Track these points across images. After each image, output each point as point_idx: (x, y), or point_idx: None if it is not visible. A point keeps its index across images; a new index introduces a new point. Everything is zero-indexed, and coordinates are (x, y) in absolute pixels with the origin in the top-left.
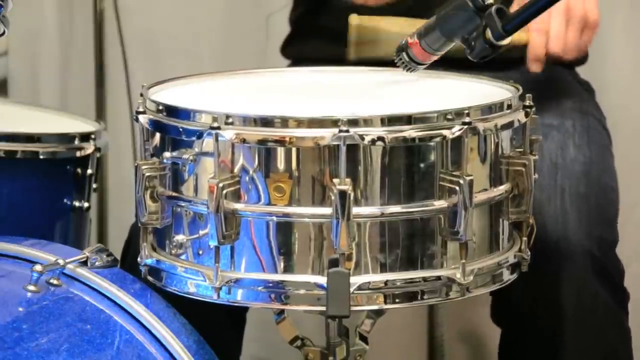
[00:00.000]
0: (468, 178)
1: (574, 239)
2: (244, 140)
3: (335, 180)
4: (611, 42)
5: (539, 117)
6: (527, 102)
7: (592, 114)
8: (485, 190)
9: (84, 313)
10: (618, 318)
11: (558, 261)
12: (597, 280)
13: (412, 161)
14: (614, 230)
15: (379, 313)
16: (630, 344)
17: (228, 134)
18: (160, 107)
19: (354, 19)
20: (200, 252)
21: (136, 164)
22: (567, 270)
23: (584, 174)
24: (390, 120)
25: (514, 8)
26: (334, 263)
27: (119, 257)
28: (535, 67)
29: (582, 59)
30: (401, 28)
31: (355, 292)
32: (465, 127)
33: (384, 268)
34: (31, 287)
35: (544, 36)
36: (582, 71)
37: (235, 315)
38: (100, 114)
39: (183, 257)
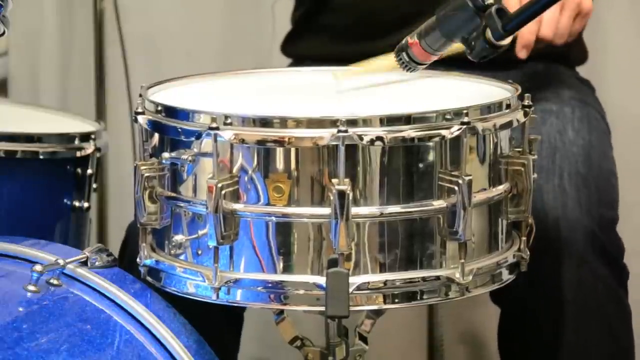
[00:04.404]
0: (467, 178)
1: (573, 218)
2: (242, 141)
3: (334, 181)
4: (611, 40)
5: (538, 105)
6: (526, 102)
7: (591, 105)
8: (484, 190)
9: (84, 313)
10: (618, 296)
11: (557, 240)
12: (597, 258)
13: (411, 161)
14: (613, 210)
15: (378, 313)
16: (630, 322)
17: (227, 134)
18: (159, 108)
19: (337, 76)
20: (200, 253)
21: (135, 165)
22: (567, 249)
23: (583, 156)
24: (389, 120)
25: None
26: (333, 263)
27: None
28: (522, 54)
29: (583, 58)
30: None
31: (354, 292)
32: (464, 127)
33: (383, 268)
34: (31, 287)
35: (536, 23)
36: (582, 70)
37: (233, 315)
38: (100, 114)
39: (182, 257)
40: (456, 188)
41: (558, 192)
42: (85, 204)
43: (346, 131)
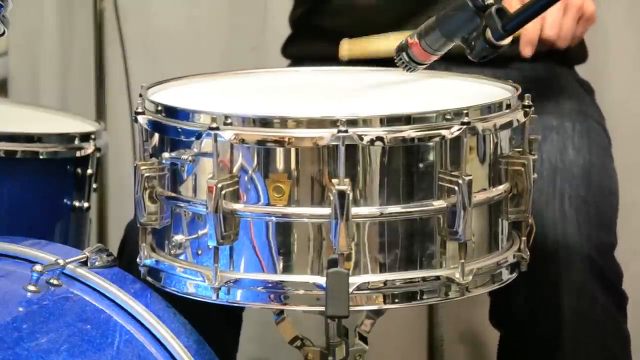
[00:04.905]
0: (467, 178)
1: (572, 243)
2: (242, 141)
3: (334, 181)
4: (612, 39)
5: (538, 118)
6: (526, 102)
7: (592, 116)
8: (484, 190)
9: (84, 313)
10: (617, 322)
11: (557, 265)
12: (596, 284)
13: (411, 161)
14: (612, 234)
15: (378, 313)
16: (629, 348)
17: (227, 134)
18: (159, 108)
19: (345, 44)
20: (200, 253)
21: (135, 165)
22: (566, 275)
23: (584, 177)
24: (389, 120)
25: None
26: (333, 263)
27: None
28: (527, 51)
29: (583, 57)
30: (389, 46)
31: (354, 292)
32: (464, 127)
33: (383, 268)
34: (31, 287)
35: (539, 20)
36: (582, 68)
37: (232, 315)
38: (100, 114)
39: (182, 257)
40: (456, 188)
41: (558, 217)
42: (85, 204)
43: (346, 131)
